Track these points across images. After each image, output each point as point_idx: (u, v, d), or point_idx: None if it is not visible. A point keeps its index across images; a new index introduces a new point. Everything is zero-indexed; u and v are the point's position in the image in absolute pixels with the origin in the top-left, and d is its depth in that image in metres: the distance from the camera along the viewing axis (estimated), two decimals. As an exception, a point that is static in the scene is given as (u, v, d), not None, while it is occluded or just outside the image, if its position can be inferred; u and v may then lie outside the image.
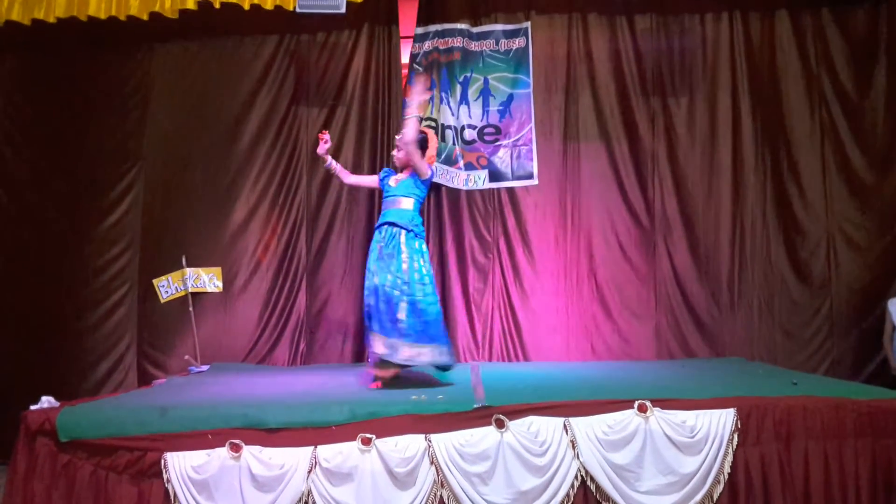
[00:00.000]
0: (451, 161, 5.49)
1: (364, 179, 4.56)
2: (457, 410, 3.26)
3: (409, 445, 3.17)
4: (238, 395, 3.77)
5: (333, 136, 4.35)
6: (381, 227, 4.02)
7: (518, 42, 5.56)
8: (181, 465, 3.11)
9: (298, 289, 5.49)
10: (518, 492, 3.14)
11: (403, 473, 3.12)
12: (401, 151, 4.11)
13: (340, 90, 5.60)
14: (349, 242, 5.47)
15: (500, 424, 3.22)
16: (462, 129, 5.53)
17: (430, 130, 4.70)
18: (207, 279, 5.28)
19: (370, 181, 4.44)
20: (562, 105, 5.55)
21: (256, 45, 5.63)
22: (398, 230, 3.95)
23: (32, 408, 3.32)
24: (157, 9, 4.84)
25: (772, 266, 5.38)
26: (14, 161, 5.60)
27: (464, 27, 5.56)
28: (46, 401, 3.39)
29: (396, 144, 4.20)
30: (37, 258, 5.47)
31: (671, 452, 3.20)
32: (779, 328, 5.32)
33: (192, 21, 5.16)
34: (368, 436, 3.15)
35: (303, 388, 4.00)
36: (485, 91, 5.55)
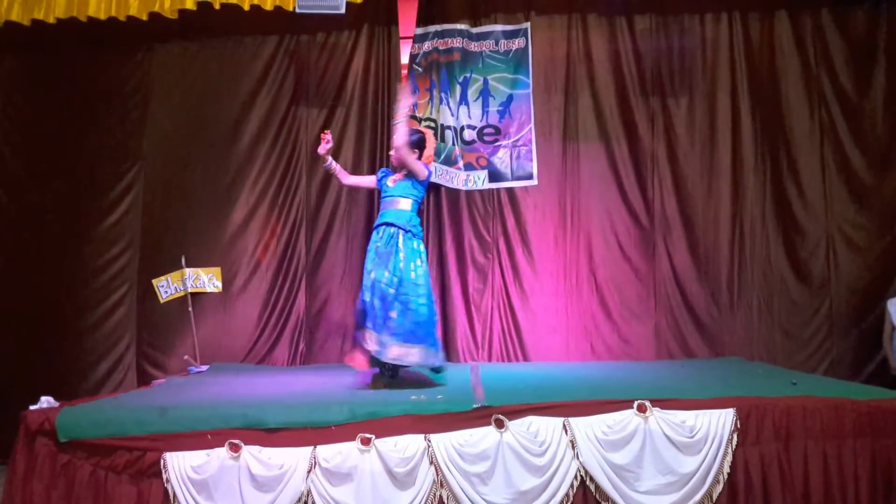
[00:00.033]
0: (451, 161, 5.49)
1: (362, 180, 4.55)
2: (456, 410, 3.26)
3: (409, 445, 3.17)
4: (237, 396, 3.78)
5: (333, 137, 4.35)
6: (379, 228, 4.02)
7: (518, 43, 5.55)
8: (180, 465, 3.11)
9: (298, 289, 5.49)
10: (517, 492, 3.14)
11: (403, 473, 3.12)
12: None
13: (340, 90, 5.60)
14: (348, 242, 5.47)
15: (500, 424, 3.22)
16: (461, 130, 5.52)
17: (429, 130, 4.70)
18: (207, 279, 5.28)
19: (368, 181, 4.44)
20: (561, 105, 5.55)
21: (256, 46, 5.63)
22: (396, 230, 3.96)
23: (32, 408, 3.32)
24: (157, 9, 4.85)
25: (771, 266, 5.38)
26: (14, 161, 5.61)
27: (463, 28, 5.56)
28: (46, 401, 3.39)
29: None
30: (36, 258, 5.47)
31: (670, 452, 3.20)
32: (778, 328, 5.32)
33: (192, 21, 5.18)
34: (368, 436, 3.15)
35: (302, 388, 4.00)
36: (484, 91, 5.55)
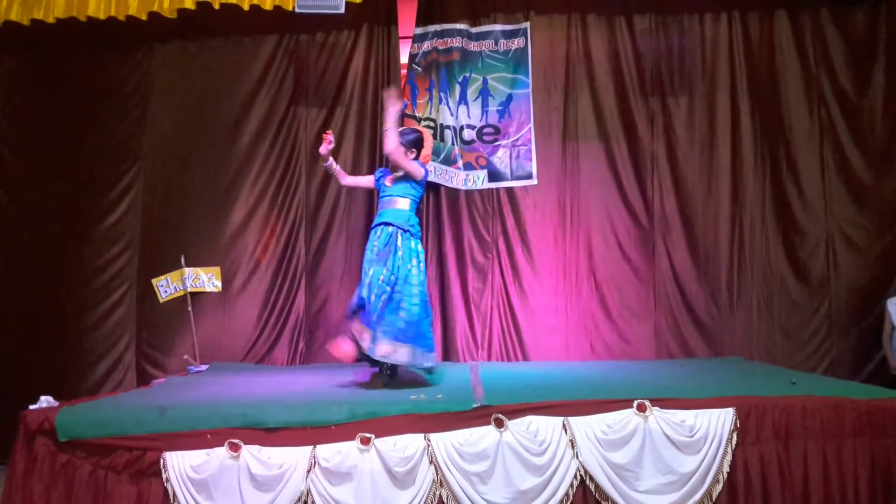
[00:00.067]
0: (450, 161, 5.49)
1: (360, 180, 4.53)
2: (456, 410, 3.26)
3: (409, 445, 3.17)
4: (237, 395, 3.77)
5: (333, 137, 4.33)
6: (378, 227, 4.01)
7: (517, 42, 5.55)
8: (180, 465, 3.11)
9: (297, 288, 5.49)
10: (517, 491, 3.14)
11: (402, 473, 3.12)
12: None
13: (339, 90, 5.60)
14: (348, 242, 5.47)
15: (500, 424, 3.22)
16: (461, 129, 5.52)
17: (426, 130, 4.69)
18: (206, 279, 5.27)
19: (366, 182, 4.43)
20: (561, 105, 5.54)
21: (256, 45, 5.63)
22: (395, 230, 3.95)
23: (31, 407, 3.32)
24: (156, 8, 4.84)
25: (771, 266, 5.37)
26: (13, 161, 5.60)
27: (463, 27, 5.55)
28: (45, 400, 3.39)
29: None
30: (36, 258, 5.47)
31: (670, 452, 3.20)
32: (778, 328, 5.32)
33: (192, 21, 5.17)
34: (367, 435, 3.15)
35: (302, 388, 3.99)
36: (484, 91, 5.55)
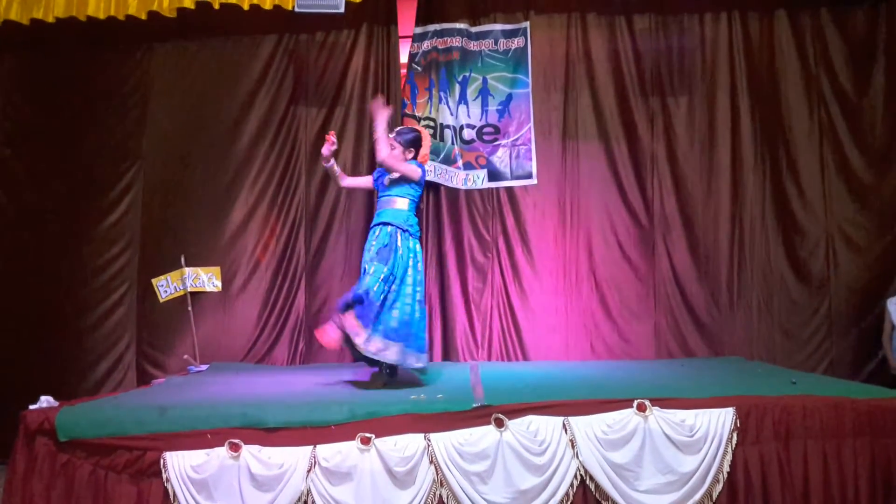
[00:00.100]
0: (450, 160, 5.49)
1: (359, 181, 4.52)
2: (456, 410, 3.26)
3: (409, 445, 3.16)
4: (237, 395, 3.77)
5: (332, 137, 4.32)
6: (376, 227, 4.00)
7: (517, 42, 5.55)
8: (180, 465, 3.11)
9: (297, 288, 5.49)
10: (517, 491, 3.14)
11: (403, 473, 3.12)
12: (394, 151, 4.07)
13: (339, 90, 5.59)
14: (348, 242, 5.46)
15: (500, 423, 3.22)
16: (461, 129, 5.52)
17: (425, 129, 4.68)
18: (206, 279, 5.27)
19: (365, 182, 4.43)
20: (561, 105, 5.54)
21: (255, 45, 5.62)
22: (394, 229, 3.94)
23: (31, 407, 3.31)
24: (155, 7, 4.84)
25: (771, 266, 5.37)
26: (13, 161, 5.59)
27: (462, 27, 5.55)
28: (45, 400, 3.38)
29: (389, 143, 4.15)
30: (36, 258, 5.47)
31: (670, 451, 3.20)
32: (778, 328, 5.31)
33: (191, 21, 5.16)
34: (368, 435, 3.15)
35: (302, 388, 3.99)
36: (483, 91, 5.54)
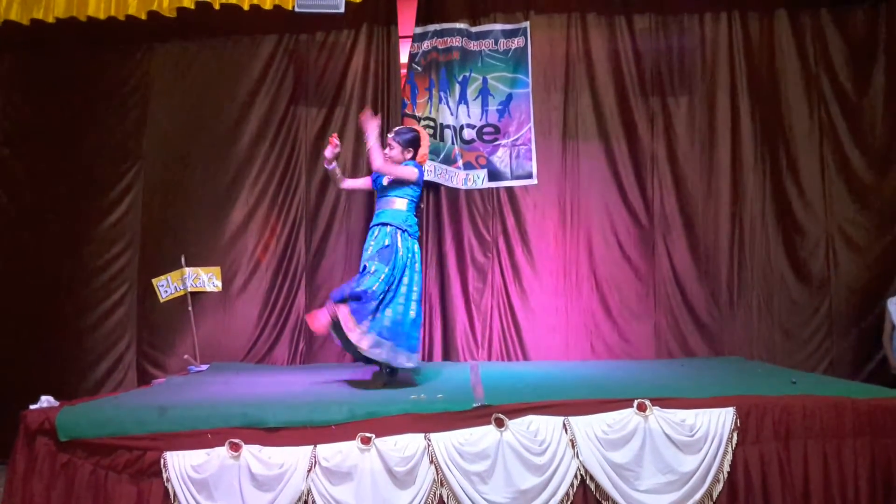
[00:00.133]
0: (450, 160, 5.49)
1: (358, 182, 4.51)
2: (456, 409, 3.26)
3: (409, 444, 3.17)
4: (237, 395, 3.77)
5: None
6: (375, 228, 4.00)
7: (517, 42, 5.55)
8: (181, 465, 3.11)
9: (298, 288, 5.49)
10: (517, 491, 3.14)
11: (403, 472, 3.12)
12: (393, 151, 4.08)
13: (339, 90, 5.59)
14: (348, 242, 5.46)
15: (500, 423, 3.22)
16: (461, 129, 5.52)
17: (423, 129, 4.68)
18: (207, 279, 5.27)
19: (364, 183, 4.42)
20: (561, 105, 5.54)
21: (255, 45, 5.62)
22: (394, 229, 3.94)
23: (32, 407, 3.31)
24: (155, 7, 4.83)
25: (771, 265, 5.37)
26: (13, 161, 5.60)
27: (462, 27, 5.55)
28: (46, 400, 3.38)
29: (388, 143, 4.17)
30: (36, 258, 5.47)
31: (670, 451, 3.20)
32: (778, 327, 5.31)
33: (192, 21, 5.15)
34: (368, 435, 3.15)
35: (302, 388, 4.00)
36: (484, 91, 5.54)
